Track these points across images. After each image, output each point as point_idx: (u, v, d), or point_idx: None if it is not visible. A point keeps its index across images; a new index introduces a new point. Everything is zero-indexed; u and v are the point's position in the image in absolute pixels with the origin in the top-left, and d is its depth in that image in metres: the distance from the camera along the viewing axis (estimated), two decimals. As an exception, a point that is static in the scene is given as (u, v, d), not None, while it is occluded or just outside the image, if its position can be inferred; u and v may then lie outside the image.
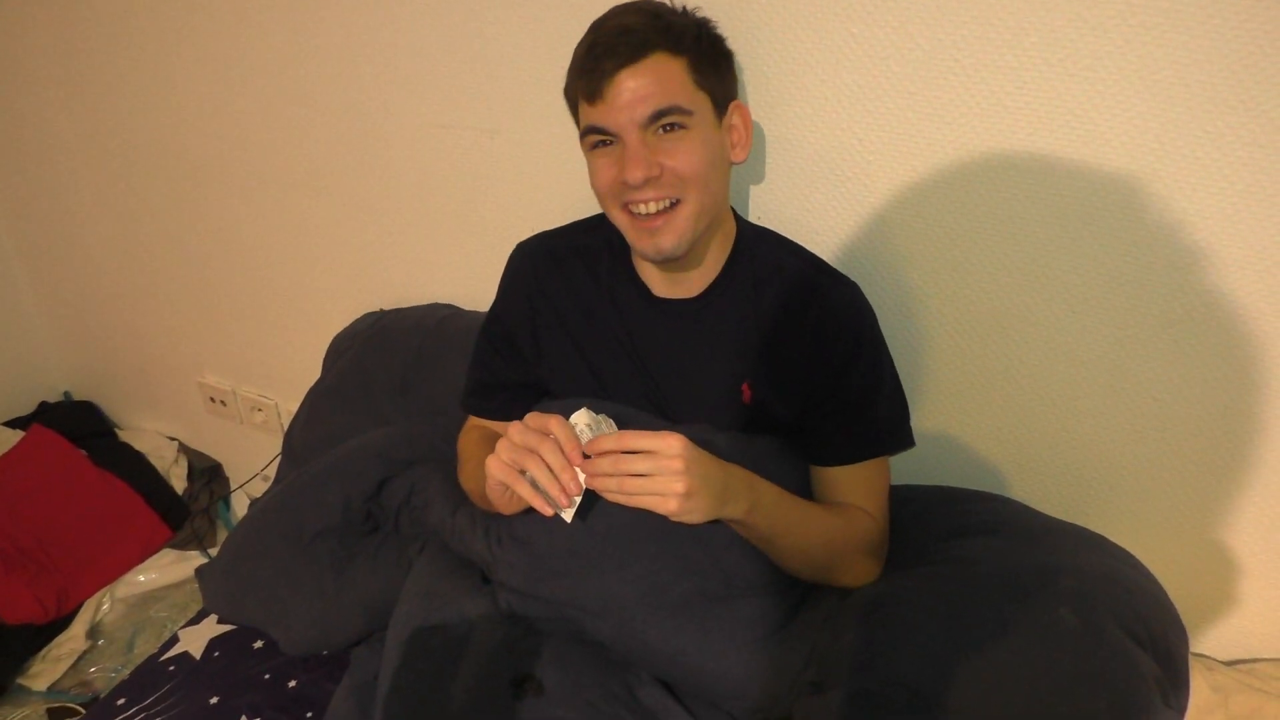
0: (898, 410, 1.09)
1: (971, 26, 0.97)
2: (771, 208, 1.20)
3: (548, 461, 0.87)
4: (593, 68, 0.93)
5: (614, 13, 0.97)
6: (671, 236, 0.96)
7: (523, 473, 0.89)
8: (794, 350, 1.04)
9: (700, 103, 0.95)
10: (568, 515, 0.90)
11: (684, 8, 1.00)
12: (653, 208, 0.96)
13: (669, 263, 1.00)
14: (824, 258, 1.09)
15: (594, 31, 0.96)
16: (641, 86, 0.91)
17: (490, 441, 1.18)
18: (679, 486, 0.85)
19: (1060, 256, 1.05)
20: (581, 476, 0.88)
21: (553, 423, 0.89)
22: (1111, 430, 1.12)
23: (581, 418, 0.91)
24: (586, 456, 0.88)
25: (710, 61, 0.97)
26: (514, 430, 0.90)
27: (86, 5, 1.72)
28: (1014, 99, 0.99)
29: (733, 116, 1.01)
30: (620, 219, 1.00)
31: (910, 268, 1.14)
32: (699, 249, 1.02)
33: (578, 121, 0.99)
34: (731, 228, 1.07)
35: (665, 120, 0.93)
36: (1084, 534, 1.07)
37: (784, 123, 1.14)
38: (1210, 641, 1.18)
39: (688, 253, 0.99)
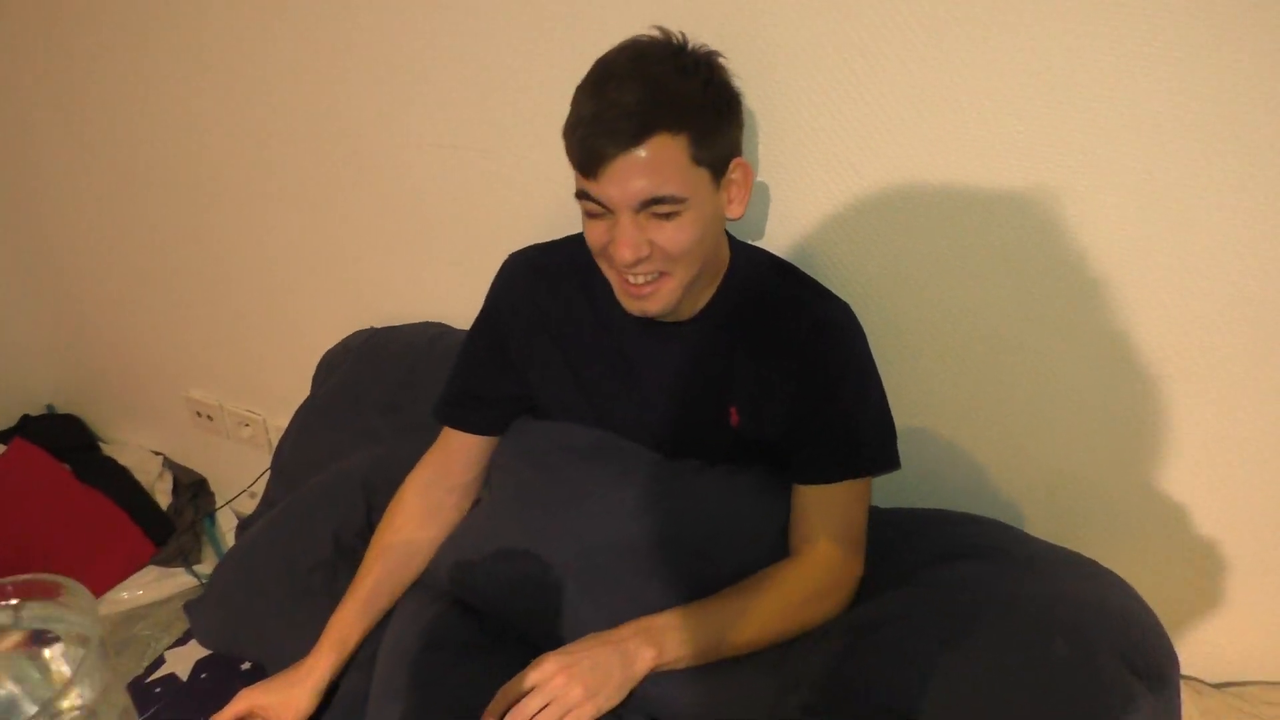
0: (883, 431, 1.08)
1: (966, 58, 0.98)
2: (766, 228, 1.21)
3: None
4: (589, 144, 0.90)
5: (616, 71, 0.92)
6: (657, 304, 0.99)
7: None
8: (783, 370, 1.04)
9: (696, 181, 0.93)
10: None
11: (693, 52, 0.95)
12: (640, 279, 0.97)
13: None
14: (818, 279, 1.09)
15: (595, 96, 0.92)
16: (638, 172, 0.90)
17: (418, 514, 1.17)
18: (576, 693, 0.89)
19: (1054, 286, 1.05)
20: None
21: None
22: (1103, 456, 1.12)
23: None
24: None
25: (714, 126, 0.93)
26: None
27: (80, 14, 1.71)
28: (1010, 130, 1.00)
29: (733, 174, 0.99)
30: (610, 275, 1.01)
31: (904, 292, 1.15)
32: (689, 299, 1.03)
33: (573, 163, 0.96)
34: (725, 259, 1.07)
35: (658, 208, 0.92)
36: (1076, 559, 1.06)
37: (780, 158, 1.14)
38: (1200, 665, 1.18)
39: (676, 309, 1.01)
